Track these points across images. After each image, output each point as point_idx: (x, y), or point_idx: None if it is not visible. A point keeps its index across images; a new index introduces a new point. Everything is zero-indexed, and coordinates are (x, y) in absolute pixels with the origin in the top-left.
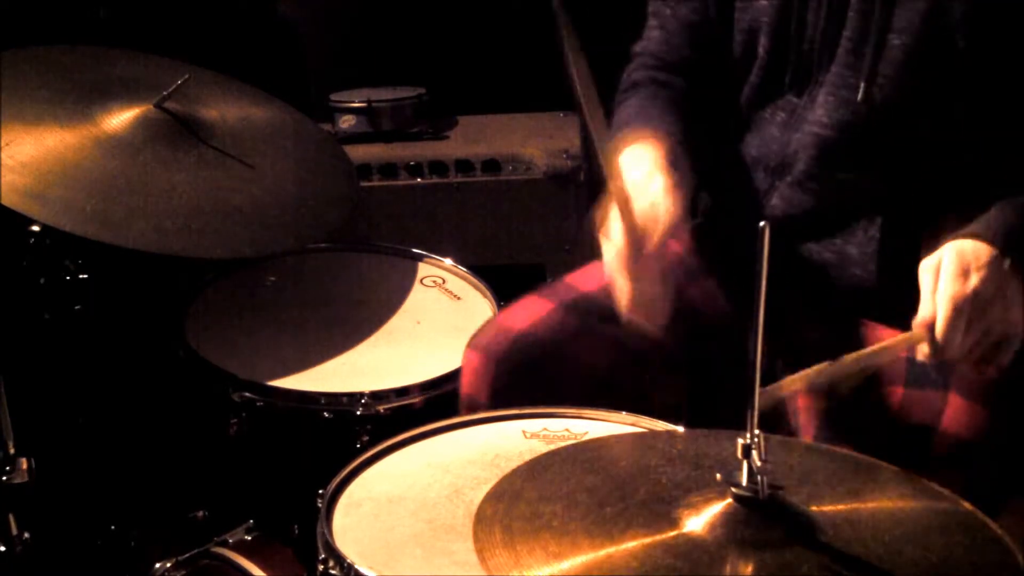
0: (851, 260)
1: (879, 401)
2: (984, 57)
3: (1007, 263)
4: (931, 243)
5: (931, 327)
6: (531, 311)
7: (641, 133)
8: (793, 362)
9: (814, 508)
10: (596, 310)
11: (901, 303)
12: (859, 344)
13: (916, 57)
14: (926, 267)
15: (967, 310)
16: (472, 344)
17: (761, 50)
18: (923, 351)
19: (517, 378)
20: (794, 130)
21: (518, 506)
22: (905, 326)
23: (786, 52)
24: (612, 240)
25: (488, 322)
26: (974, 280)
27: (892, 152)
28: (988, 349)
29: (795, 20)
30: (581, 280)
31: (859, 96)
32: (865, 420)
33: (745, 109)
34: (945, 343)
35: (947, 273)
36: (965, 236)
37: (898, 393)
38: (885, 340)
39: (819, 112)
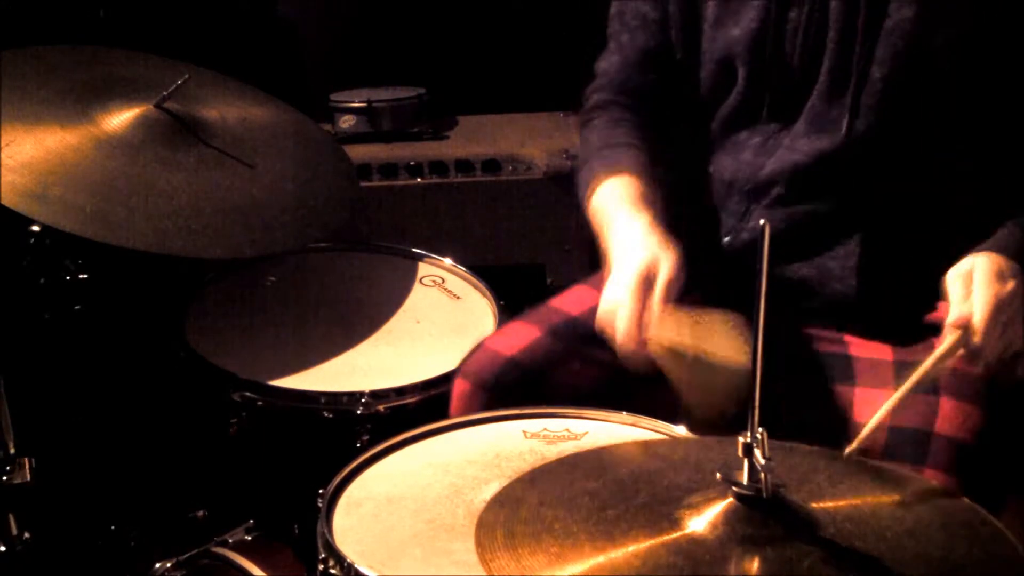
0: (831, 275)
1: (870, 406)
2: (967, 83)
3: None
4: (920, 256)
5: (965, 329)
6: (519, 337)
7: (613, 167)
8: (774, 375)
9: (815, 505)
10: (582, 333)
11: (880, 316)
12: (843, 358)
13: (898, 87)
14: (955, 275)
15: (1006, 309)
16: (461, 371)
17: (739, 78)
18: (959, 354)
19: (506, 405)
20: (768, 155)
21: (520, 511)
22: (883, 337)
23: (764, 81)
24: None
25: (476, 348)
26: (1011, 284)
27: (873, 176)
28: (1008, 358)
29: (771, 50)
30: (566, 303)
31: (843, 129)
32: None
33: (720, 132)
34: (984, 343)
35: (983, 276)
36: (989, 250)
37: (889, 397)
38: (928, 356)
39: (800, 141)
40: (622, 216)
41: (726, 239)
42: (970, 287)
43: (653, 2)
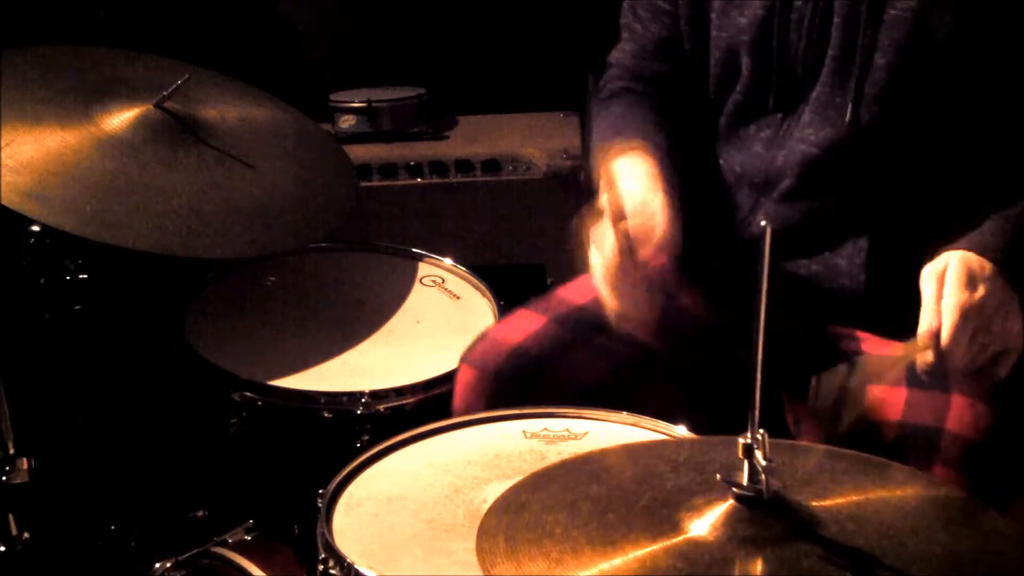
0: (839, 271)
1: (882, 403)
2: (970, 71)
3: (1005, 277)
4: (927, 252)
5: (936, 335)
6: (524, 325)
7: (630, 143)
8: (779, 372)
9: (816, 504)
10: (588, 322)
11: (890, 312)
12: (846, 353)
13: (901, 76)
14: (929, 274)
15: (973, 319)
16: (466, 359)
17: (744, 68)
18: (925, 359)
19: (511, 393)
20: (779, 147)
21: (521, 516)
22: (894, 334)
23: (769, 71)
24: (602, 252)
25: (481, 336)
26: (980, 290)
27: (879, 169)
28: (987, 360)
29: (777, 39)
30: (573, 293)
31: (847, 117)
32: (869, 422)
33: (727, 125)
34: (950, 352)
35: (953, 281)
36: (967, 248)
37: (901, 394)
38: (892, 350)
39: (806, 131)
40: (632, 180)
41: (736, 233)
42: (942, 290)
43: None
